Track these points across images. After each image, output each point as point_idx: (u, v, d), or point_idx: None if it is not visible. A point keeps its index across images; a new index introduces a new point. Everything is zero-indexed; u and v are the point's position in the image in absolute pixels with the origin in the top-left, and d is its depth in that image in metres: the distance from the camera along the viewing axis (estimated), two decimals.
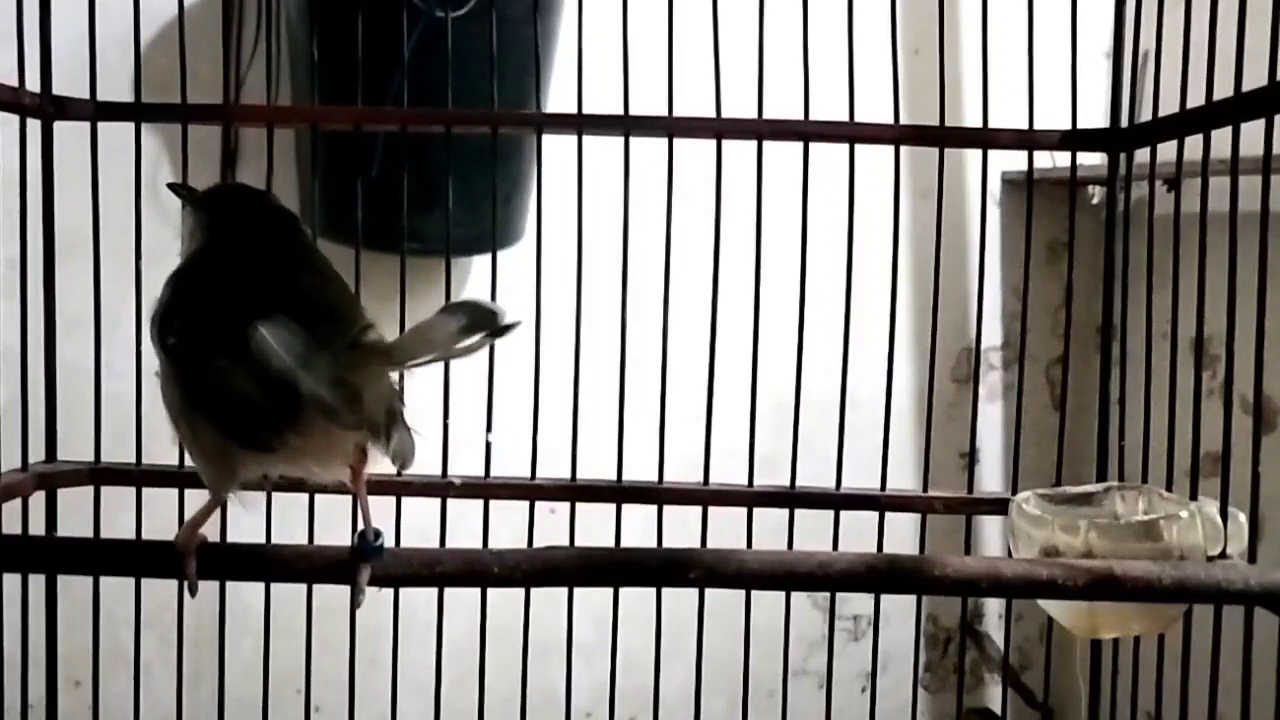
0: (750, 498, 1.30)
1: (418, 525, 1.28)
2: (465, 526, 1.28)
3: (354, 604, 0.83)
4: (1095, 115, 1.41)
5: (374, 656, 1.30)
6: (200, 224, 0.87)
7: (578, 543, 1.13)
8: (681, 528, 1.27)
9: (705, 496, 1.30)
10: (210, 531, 0.84)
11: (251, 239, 0.85)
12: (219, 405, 0.74)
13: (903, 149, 1.31)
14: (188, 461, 1.24)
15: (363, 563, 0.82)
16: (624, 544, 1.21)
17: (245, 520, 1.19)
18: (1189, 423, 1.14)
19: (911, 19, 1.68)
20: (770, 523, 1.28)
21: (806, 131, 1.29)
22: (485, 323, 0.73)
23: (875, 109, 1.30)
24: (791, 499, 1.30)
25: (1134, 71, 1.36)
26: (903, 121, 1.31)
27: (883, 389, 1.33)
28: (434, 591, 1.24)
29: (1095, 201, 1.80)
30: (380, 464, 0.83)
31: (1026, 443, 1.37)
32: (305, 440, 0.73)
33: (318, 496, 1.25)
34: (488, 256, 1.36)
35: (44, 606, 1.30)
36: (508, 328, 0.74)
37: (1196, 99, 1.13)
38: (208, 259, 0.85)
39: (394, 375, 0.81)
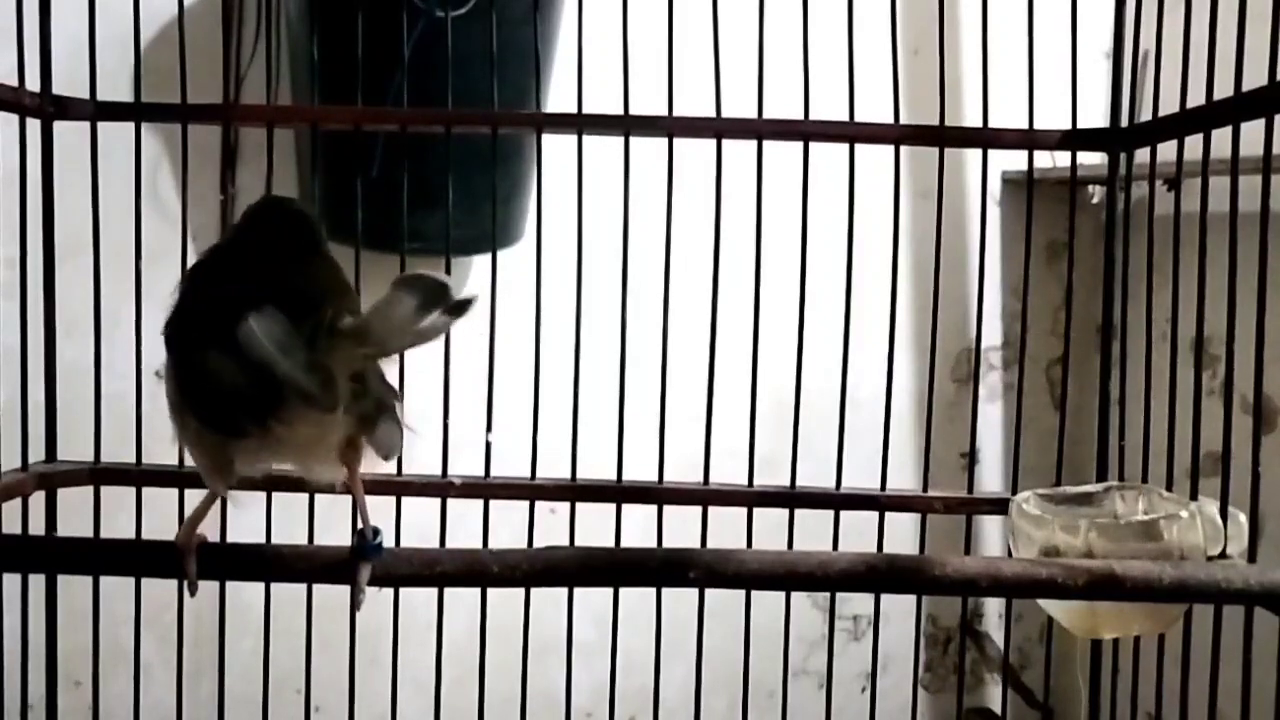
0: (750, 498, 1.30)
1: (418, 525, 1.28)
2: (465, 526, 1.28)
3: (354, 604, 0.83)
4: (1095, 115, 1.41)
5: (374, 656, 1.30)
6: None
7: (578, 543, 1.13)
8: (681, 528, 1.27)
9: (705, 496, 1.30)
10: (210, 531, 0.84)
11: (254, 236, 0.85)
12: (203, 393, 0.75)
13: (903, 149, 1.31)
14: (188, 461, 1.24)
15: (362, 562, 0.82)
16: (624, 544, 1.21)
17: (245, 520, 1.19)
18: (1189, 423, 1.14)
19: (911, 19, 1.68)
20: (770, 523, 1.28)
21: (806, 131, 1.29)
22: (438, 297, 0.73)
23: (875, 109, 1.30)
24: (791, 499, 1.30)
25: (1134, 71, 1.36)
26: (903, 121, 1.31)
27: (883, 389, 1.33)
28: (434, 591, 1.24)
29: (1095, 201, 1.80)
30: (378, 463, 0.83)
31: (1026, 443, 1.37)
32: (290, 429, 0.73)
33: (318, 496, 1.25)
34: (488, 256, 1.36)
35: (44, 606, 1.30)
36: (465, 304, 0.74)
37: (1196, 99, 1.13)
38: (212, 257, 0.86)
39: (386, 369, 0.81)
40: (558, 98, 1.60)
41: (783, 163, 1.28)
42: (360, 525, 0.83)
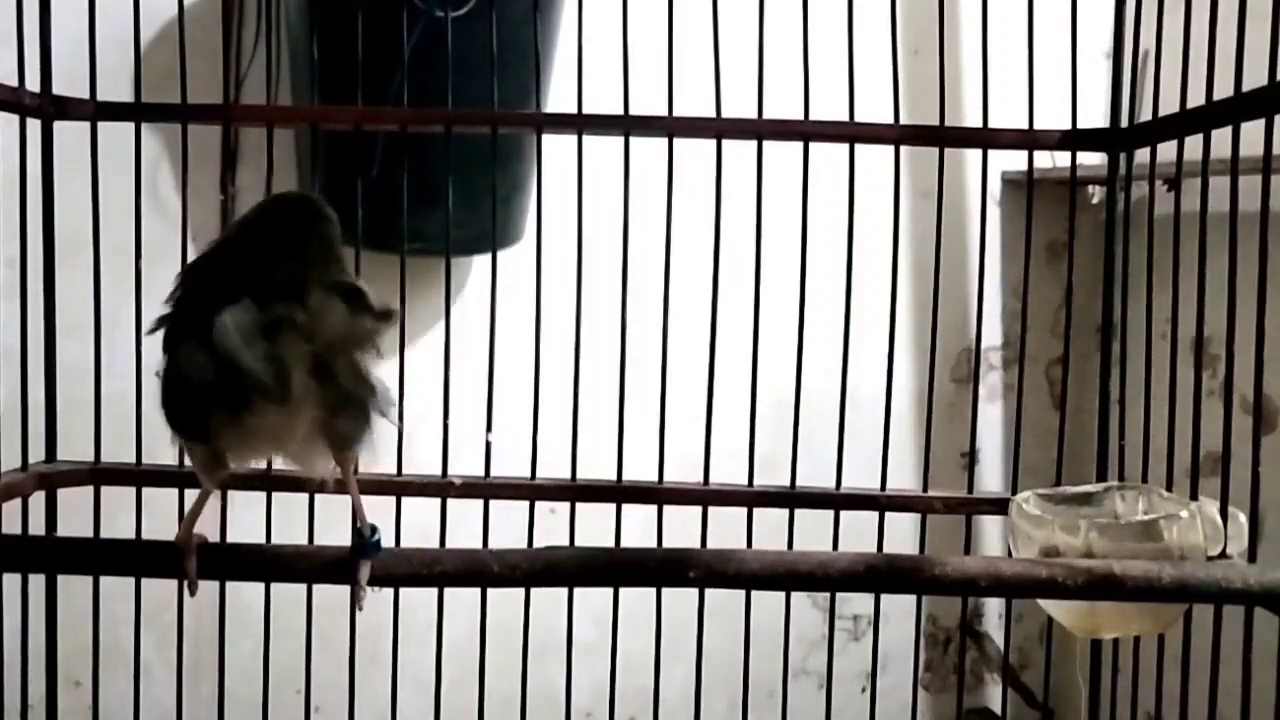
0: (750, 498, 1.30)
1: (418, 525, 1.28)
2: (465, 526, 1.28)
3: (356, 604, 0.83)
4: (1095, 115, 1.41)
5: (374, 656, 1.30)
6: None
7: (578, 543, 1.13)
8: (681, 528, 1.27)
9: (705, 496, 1.30)
10: (210, 531, 0.84)
11: (250, 233, 0.85)
12: (173, 392, 0.76)
13: (903, 149, 1.31)
14: (187, 461, 1.24)
15: (363, 560, 0.82)
16: (624, 544, 1.21)
17: (245, 519, 1.19)
18: (1189, 423, 1.14)
19: (911, 19, 1.68)
20: (770, 523, 1.28)
21: (806, 131, 1.29)
22: (354, 298, 0.76)
23: (875, 109, 1.30)
24: (791, 499, 1.30)
25: (1134, 71, 1.36)
26: (903, 121, 1.31)
27: (883, 389, 1.33)
28: (434, 591, 1.24)
29: (1095, 201, 1.80)
30: (377, 463, 0.83)
31: (1026, 443, 1.37)
32: (259, 420, 0.74)
33: (318, 496, 1.25)
34: (488, 256, 1.36)
35: (44, 606, 1.30)
36: (388, 314, 0.77)
37: (1196, 99, 1.13)
38: (209, 253, 0.85)
39: (384, 367, 0.81)
40: (558, 98, 1.60)
41: (783, 163, 1.28)
42: (359, 524, 0.83)
